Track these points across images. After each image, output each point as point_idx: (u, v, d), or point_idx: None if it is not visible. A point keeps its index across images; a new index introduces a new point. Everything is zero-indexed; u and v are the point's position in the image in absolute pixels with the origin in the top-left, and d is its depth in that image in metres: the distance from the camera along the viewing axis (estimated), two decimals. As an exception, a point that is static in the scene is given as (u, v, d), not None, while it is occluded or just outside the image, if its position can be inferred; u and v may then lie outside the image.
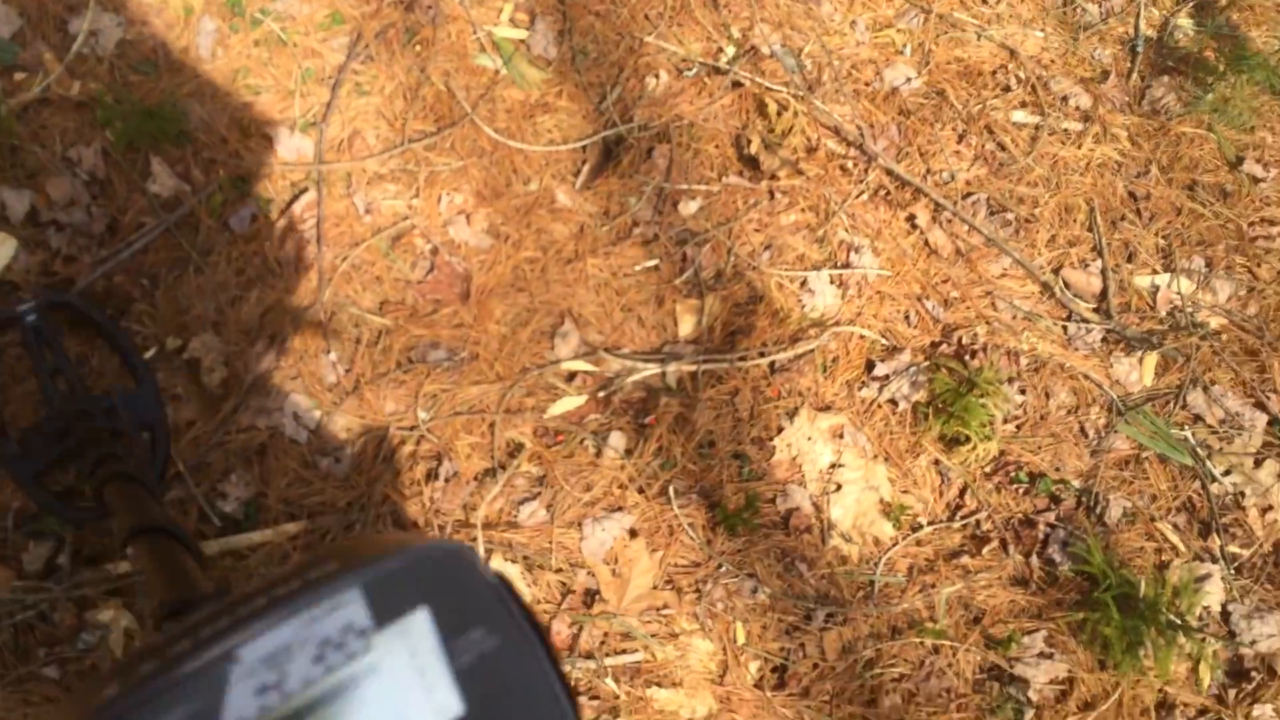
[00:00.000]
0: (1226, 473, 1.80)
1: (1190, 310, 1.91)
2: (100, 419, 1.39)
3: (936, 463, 1.77)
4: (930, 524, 1.74)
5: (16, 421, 1.48)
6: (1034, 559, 1.72)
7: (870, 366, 1.80)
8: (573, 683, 1.52)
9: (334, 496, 1.57)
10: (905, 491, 1.75)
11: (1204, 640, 1.65)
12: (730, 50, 1.95)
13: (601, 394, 1.71)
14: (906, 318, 1.84)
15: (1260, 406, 1.85)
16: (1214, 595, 1.73)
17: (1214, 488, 1.79)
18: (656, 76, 1.92)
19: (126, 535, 0.85)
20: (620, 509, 1.65)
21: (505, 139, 1.81)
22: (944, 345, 1.83)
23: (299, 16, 1.81)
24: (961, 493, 1.76)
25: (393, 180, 1.76)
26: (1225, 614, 1.73)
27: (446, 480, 1.60)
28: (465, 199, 1.77)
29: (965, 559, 1.71)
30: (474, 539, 1.57)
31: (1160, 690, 1.67)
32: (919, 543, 1.72)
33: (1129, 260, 1.94)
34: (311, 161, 1.73)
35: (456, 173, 1.78)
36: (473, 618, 0.44)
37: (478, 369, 1.68)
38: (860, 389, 1.79)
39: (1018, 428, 1.81)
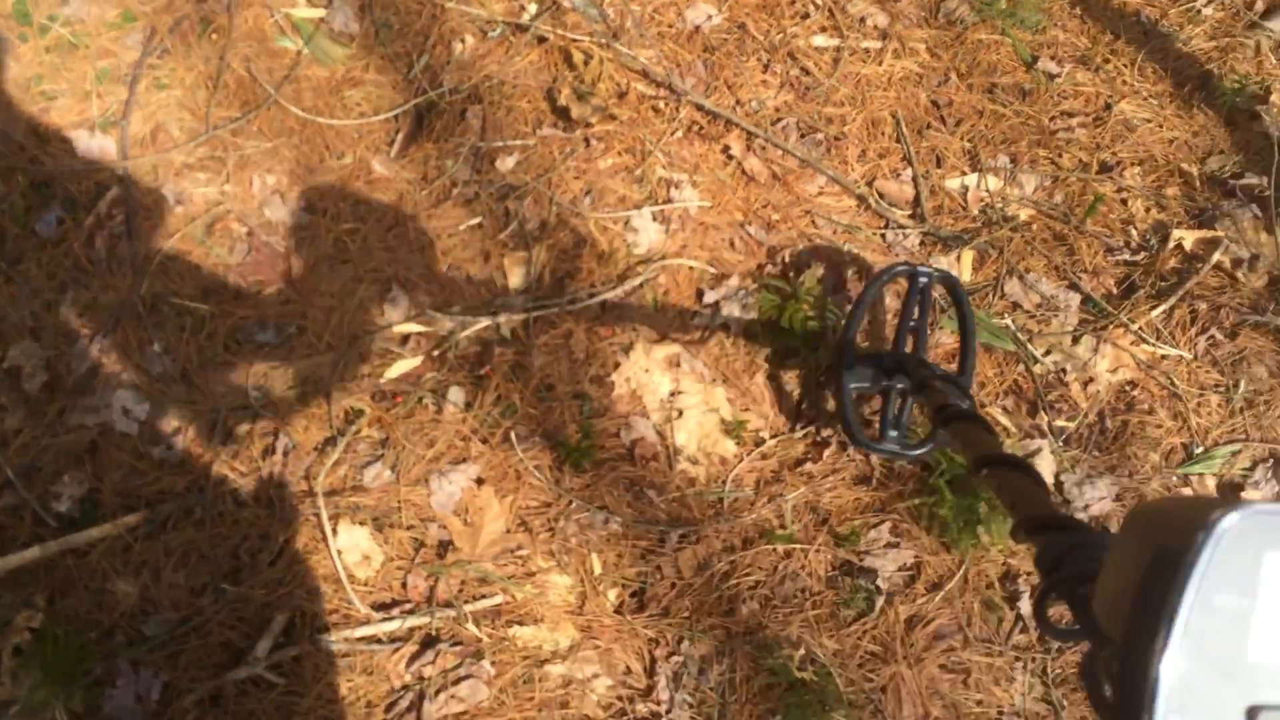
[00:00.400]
0: (1047, 353, 1.89)
1: (1000, 205, 1.99)
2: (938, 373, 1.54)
3: (772, 378, 1.83)
4: (773, 437, 1.80)
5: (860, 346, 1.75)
6: (874, 457, 1.79)
7: (700, 295, 1.85)
8: (434, 631, 1.55)
9: (171, 483, 1.57)
10: (745, 409, 1.81)
11: (1032, 508, 1.74)
12: (532, 7, 1.99)
13: (436, 352, 1.74)
14: (731, 244, 1.90)
15: (1073, 287, 1.95)
16: (1046, 467, 1.82)
17: (1037, 369, 1.88)
18: (462, 41, 1.95)
19: (979, 464, 0.98)
20: (465, 460, 1.68)
21: (313, 116, 1.83)
22: (769, 266, 1.89)
23: (88, 19, 1.80)
24: (799, 403, 1.82)
25: (202, 169, 1.76)
26: (1059, 484, 1.81)
27: (285, 454, 1.62)
28: (278, 179, 1.78)
29: (809, 465, 1.78)
30: (316, 510, 1.59)
31: (1004, 563, 1.75)
32: (763, 456, 1.78)
33: (938, 165, 2.02)
34: (116, 159, 1.73)
35: (267, 154, 1.79)
36: None
37: (307, 342, 1.69)
38: (693, 318, 1.84)
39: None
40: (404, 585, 1.60)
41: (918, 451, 1.63)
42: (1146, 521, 0.53)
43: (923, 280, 1.75)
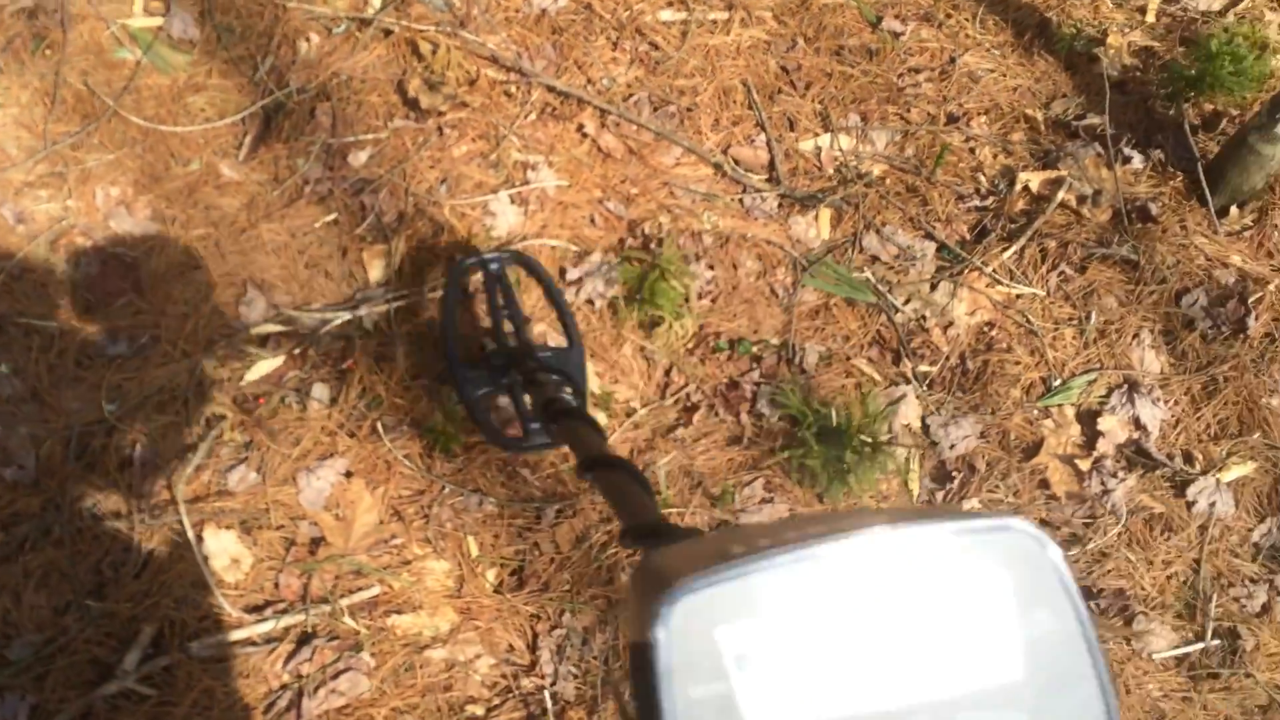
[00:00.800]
0: (907, 301, 1.90)
1: (853, 163, 2.00)
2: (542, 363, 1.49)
3: (641, 349, 1.81)
4: (644, 406, 1.78)
5: (465, 355, 1.63)
6: (744, 417, 1.78)
7: (563, 273, 1.83)
8: (309, 628, 1.51)
9: (25, 504, 1.51)
10: (615, 381, 1.79)
11: (894, 451, 1.74)
12: (376, 1, 1.94)
13: (298, 351, 1.69)
14: (591, 221, 1.88)
15: (928, 236, 1.95)
16: (912, 412, 1.82)
17: (898, 318, 1.89)
18: (307, 39, 1.90)
19: (585, 466, 0.91)
20: (333, 455, 1.64)
21: (155, 125, 1.77)
22: (630, 239, 1.87)
23: (-87, 42, 1.72)
24: (668, 372, 1.81)
25: (42, 186, 1.69)
26: (925, 427, 1.82)
27: (143, 465, 1.56)
28: (123, 190, 1.72)
29: (680, 431, 1.76)
30: (179, 518, 1.53)
31: (876, 509, 1.76)
32: (635, 426, 1.76)
33: (791, 129, 2.01)
34: (-50, 183, 1.65)
35: (110, 166, 1.73)
36: (1042, 597, 0.46)
37: (162, 351, 1.64)
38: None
39: (712, 301, 1.86)
40: (276, 585, 1.55)
41: (544, 441, 1.48)
42: (625, 606, 0.51)
43: (494, 266, 1.65)
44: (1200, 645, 1.71)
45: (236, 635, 1.51)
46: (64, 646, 1.46)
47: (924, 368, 1.87)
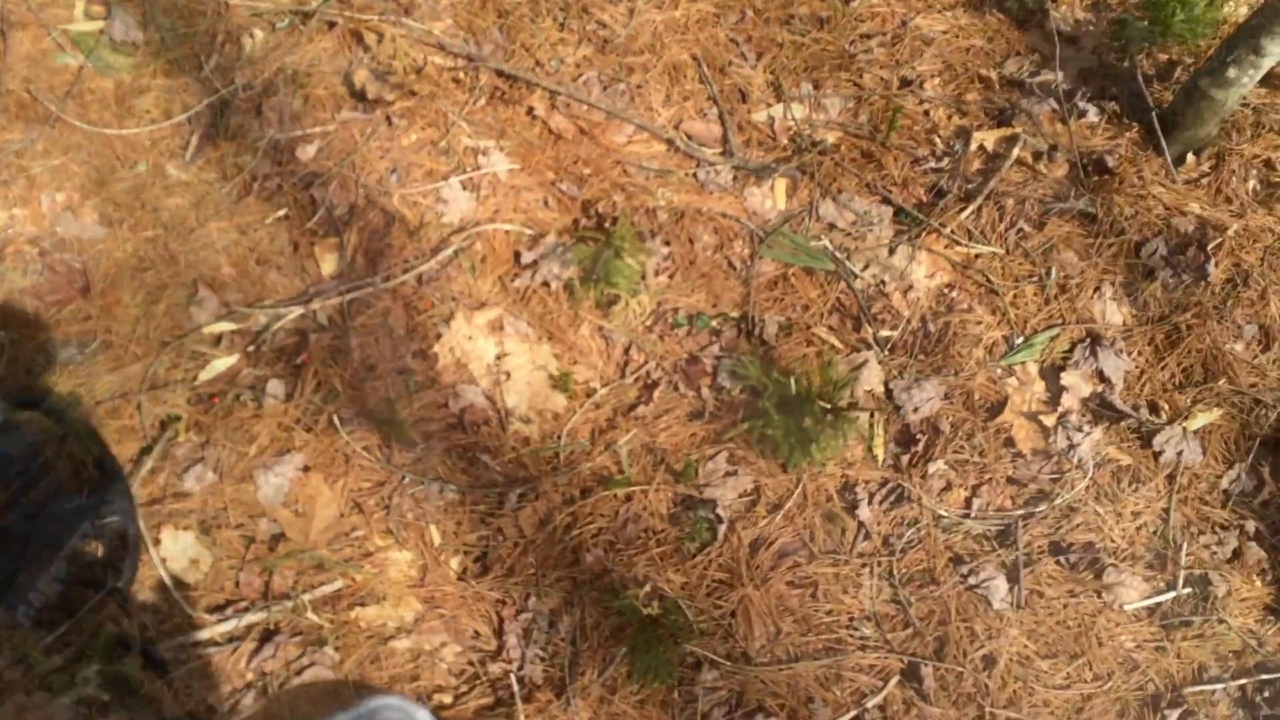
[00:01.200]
0: (866, 267, 1.80)
1: (807, 131, 1.89)
2: None
3: (599, 329, 1.72)
4: (604, 386, 1.69)
5: None
6: (705, 391, 1.69)
7: (518, 257, 1.73)
8: (272, 625, 1.43)
9: (-21, 516, 1.43)
10: (574, 363, 1.70)
11: (856, 417, 1.65)
12: (319, -6, 1.84)
13: (252, 348, 1.60)
14: (545, 203, 1.78)
15: (885, 201, 1.85)
16: (875, 377, 1.73)
17: (857, 284, 1.79)
18: (251, 36, 1.81)
19: None
20: (290, 451, 1.55)
21: (100, 129, 1.68)
22: (584, 220, 1.77)
23: None
24: (627, 350, 1.72)
25: (-14, 196, 1.61)
26: (888, 391, 1.73)
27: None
28: (69, 195, 1.63)
29: (641, 409, 1.67)
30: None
31: (842, 475, 1.67)
32: (596, 406, 1.67)
33: (743, 101, 1.91)
34: (-108, 197, 1.57)
35: (55, 172, 1.64)
36: None
37: (114, 355, 1.55)
38: (513, 280, 1.72)
39: (669, 277, 1.77)
40: (237, 584, 1.47)
41: None
42: None
43: None
44: (1172, 594, 1.62)
45: (198, 636, 1.43)
46: (21, 659, 1.38)
47: (885, 332, 1.77)
